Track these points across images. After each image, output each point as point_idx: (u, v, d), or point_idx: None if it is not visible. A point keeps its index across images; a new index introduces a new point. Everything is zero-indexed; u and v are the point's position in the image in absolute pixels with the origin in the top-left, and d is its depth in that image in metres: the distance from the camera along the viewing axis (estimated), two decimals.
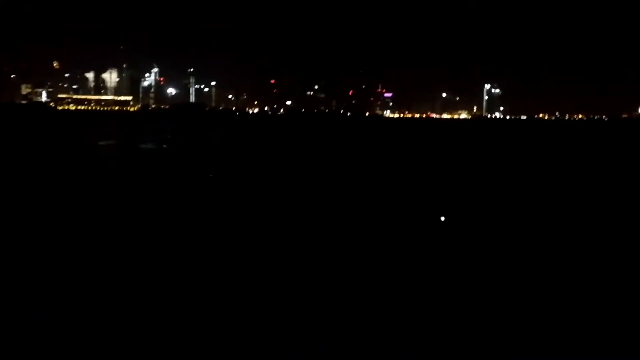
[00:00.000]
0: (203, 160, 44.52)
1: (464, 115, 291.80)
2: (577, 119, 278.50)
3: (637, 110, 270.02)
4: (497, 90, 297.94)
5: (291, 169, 39.83)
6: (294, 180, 32.50)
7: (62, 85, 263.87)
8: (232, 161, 45.53)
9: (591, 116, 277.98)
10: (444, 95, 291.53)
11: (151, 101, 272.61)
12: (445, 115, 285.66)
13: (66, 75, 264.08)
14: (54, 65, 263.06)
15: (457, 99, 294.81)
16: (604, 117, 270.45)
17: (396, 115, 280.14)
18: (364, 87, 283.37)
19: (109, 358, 9.38)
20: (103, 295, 11.82)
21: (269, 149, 61.95)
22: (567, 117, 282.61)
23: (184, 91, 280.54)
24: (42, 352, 9.39)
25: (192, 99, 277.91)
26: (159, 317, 10.95)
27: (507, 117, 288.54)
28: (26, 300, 11.65)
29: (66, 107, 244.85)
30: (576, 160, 50.14)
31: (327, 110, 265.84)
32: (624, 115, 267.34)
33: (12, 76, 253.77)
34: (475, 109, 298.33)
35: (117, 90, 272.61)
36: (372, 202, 25.20)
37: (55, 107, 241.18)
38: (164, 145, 66.22)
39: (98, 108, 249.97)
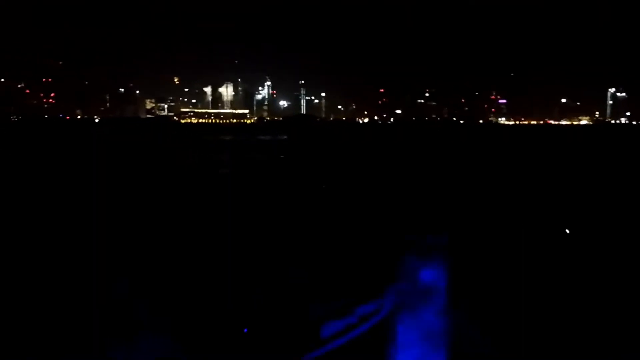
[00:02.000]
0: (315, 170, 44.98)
1: (584, 121, 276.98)
2: None
3: None
4: (623, 94, 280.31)
5: (410, 177, 39.30)
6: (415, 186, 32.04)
7: (182, 99, 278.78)
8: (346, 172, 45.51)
9: None
10: (563, 100, 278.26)
11: (265, 113, 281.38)
12: (564, 122, 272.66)
13: (185, 90, 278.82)
14: (175, 80, 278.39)
15: (578, 104, 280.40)
16: None
17: (511, 123, 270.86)
18: (476, 93, 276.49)
19: (108, 357, 9.46)
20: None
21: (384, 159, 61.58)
22: None
23: (295, 103, 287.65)
24: (42, 352, 9.50)
25: (303, 110, 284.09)
26: (160, 315, 11.16)
27: (634, 122, 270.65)
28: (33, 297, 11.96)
29: (189, 120, 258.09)
30: None
31: (438, 118, 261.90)
32: None
33: (137, 92, 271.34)
34: (597, 114, 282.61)
35: (233, 104, 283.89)
36: (498, 210, 24.15)
37: (179, 120, 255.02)
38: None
39: (218, 121, 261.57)
